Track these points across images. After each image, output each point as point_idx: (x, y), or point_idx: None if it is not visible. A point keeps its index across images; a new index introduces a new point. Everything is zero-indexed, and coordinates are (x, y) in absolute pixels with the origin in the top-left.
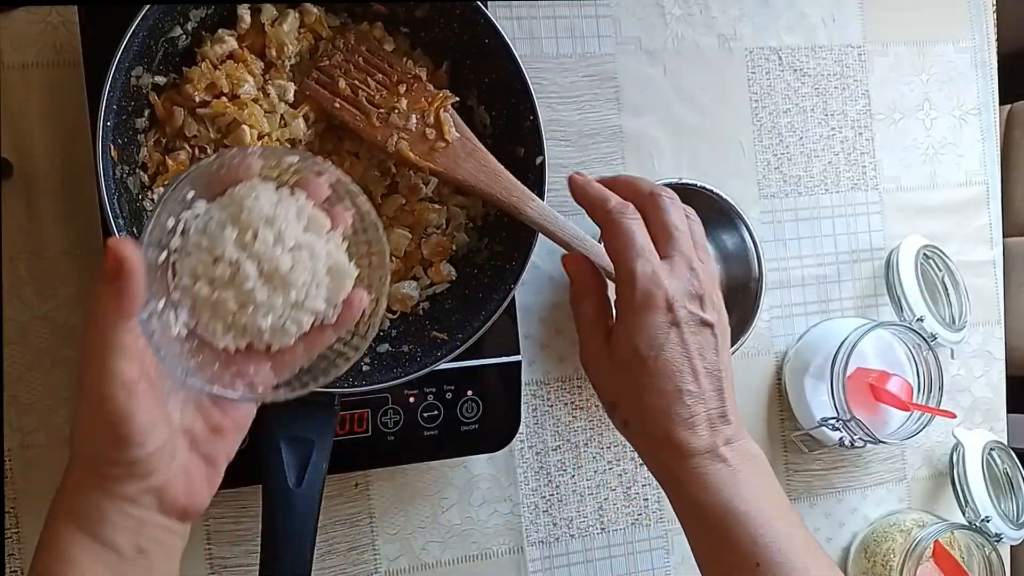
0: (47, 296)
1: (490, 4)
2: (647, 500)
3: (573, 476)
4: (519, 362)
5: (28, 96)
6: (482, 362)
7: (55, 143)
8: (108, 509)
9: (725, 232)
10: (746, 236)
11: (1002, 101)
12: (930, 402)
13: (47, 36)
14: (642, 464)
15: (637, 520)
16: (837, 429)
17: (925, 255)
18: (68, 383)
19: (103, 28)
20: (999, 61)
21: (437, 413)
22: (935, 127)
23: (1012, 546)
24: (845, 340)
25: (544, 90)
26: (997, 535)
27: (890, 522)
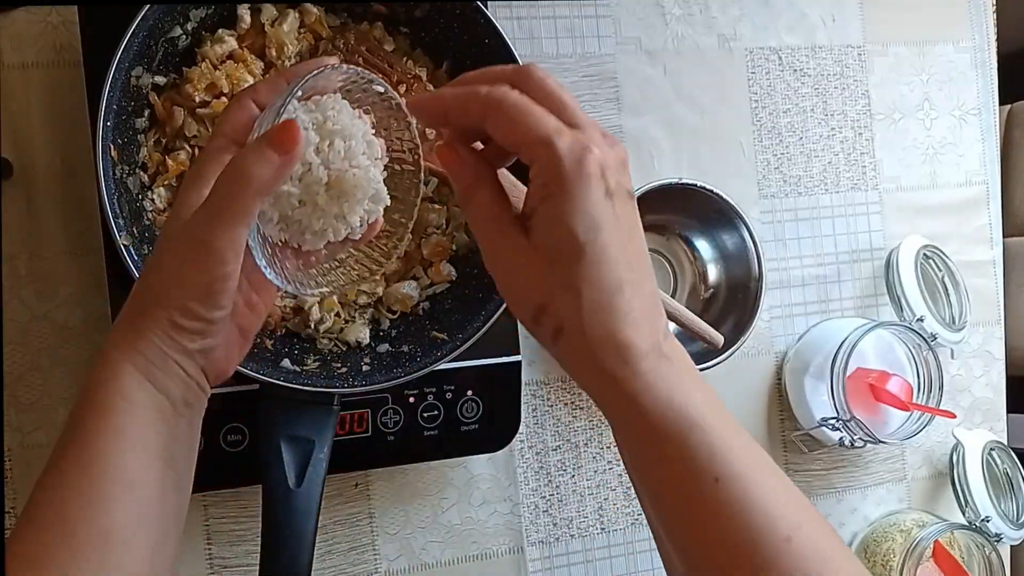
0: (47, 296)
1: (490, 4)
2: None
3: (573, 476)
4: (519, 362)
5: (28, 96)
6: (482, 362)
7: (55, 143)
8: (171, 359)
9: (725, 232)
10: (746, 236)
11: (1002, 101)
12: (930, 402)
13: (47, 36)
14: None
15: (637, 520)
16: (837, 429)
17: (925, 255)
18: (68, 383)
19: (103, 28)
20: (999, 61)
21: (437, 413)
22: (935, 127)
23: (1012, 546)
24: (845, 340)
25: None
26: (997, 535)
27: (890, 522)
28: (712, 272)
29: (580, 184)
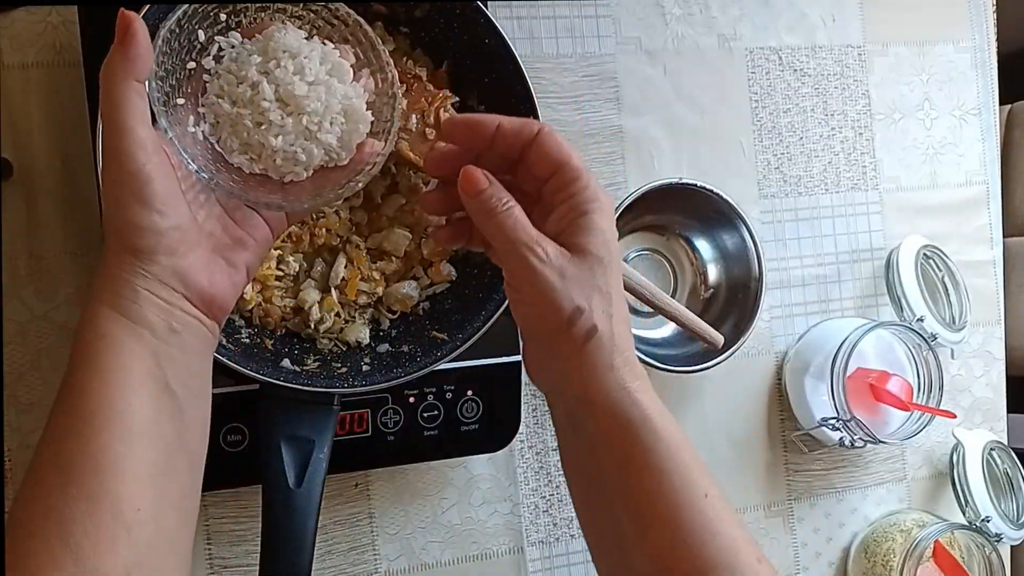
0: (47, 296)
1: (490, 4)
2: None
3: None
4: (519, 362)
5: (28, 96)
6: (482, 362)
7: (55, 143)
8: (138, 286)
9: (725, 232)
10: (746, 236)
11: (1002, 101)
12: (930, 402)
13: (47, 36)
14: None
15: None
16: (837, 429)
17: (925, 255)
18: None
19: (103, 28)
20: (999, 61)
21: (437, 413)
22: (935, 127)
23: (1012, 546)
24: (845, 340)
25: (544, 90)
26: (997, 535)
27: (890, 522)
28: (712, 272)
29: (608, 206)
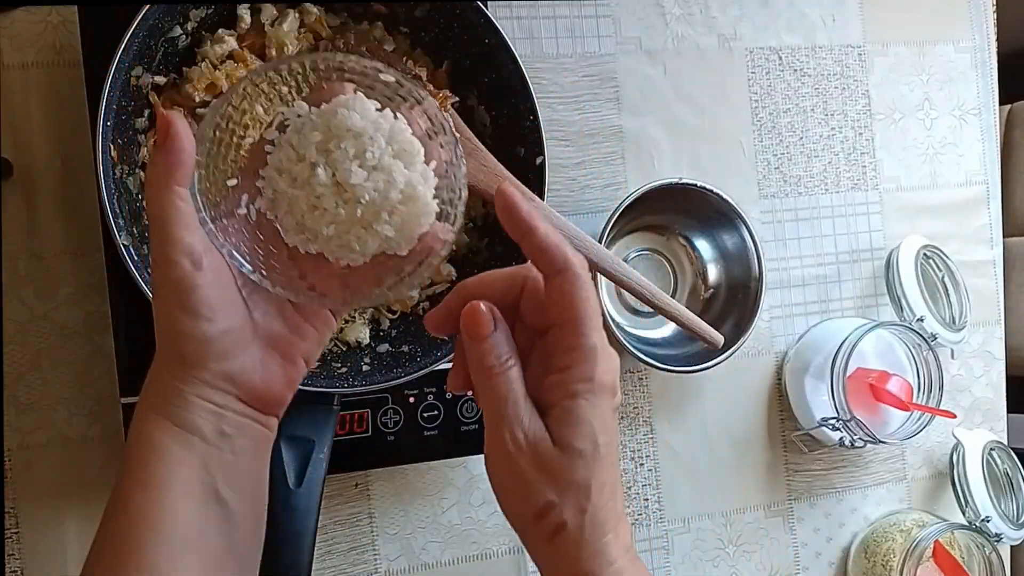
0: (47, 296)
1: (490, 4)
2: (647, 500)
3: None
4: None
5: (28, 96)
6: None
7: (55, 143)
8: (187, 392)
9: (725, 232)
10: (746, 236)
11: (1002, 101)
12: (930, 402)
13: (47, 36)
14: (642, 464)
15: (637, 520)
16: (837, 429)
17: (925, 255)
18: (68, 383)
19: (103, 28)
20: (999, 61)
21: (437, 413)
22: (935, 127)
23: (1012, 546)
24: (845, 340)
25: (544, 90)
26: (997, 535)
27: (890, 522)
28: (712, 272)
29: (603, 395)
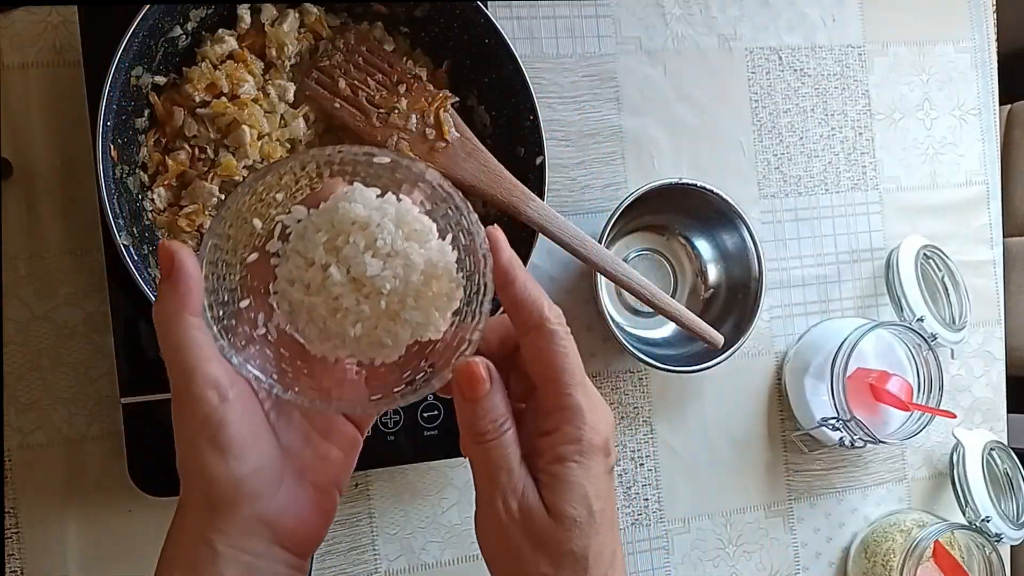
0: (47, 296)
1: (490, 4)
2: (647, 500)
3: None
4: None
5: (28, 96)
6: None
7: (55, 143)
8: (217, 544)
9: (725, 232)
10: (746, 236)
11: (1002, 101)
12: (930, 402)
13: (47, 36)
14: (642, 464)
15: (637, 520)
16: (837, 429)
17: (925, 255)
18: (68, 383)
19: (103, 28)
20: (999, 61)
21: (437, 413)
22: (935, 127)
23: (1012, 546)
24: (845, 340)
25: (544, 90)
26: (997, 535)
27: (890, 522)
28: (712, 272)
29: (592, 456)
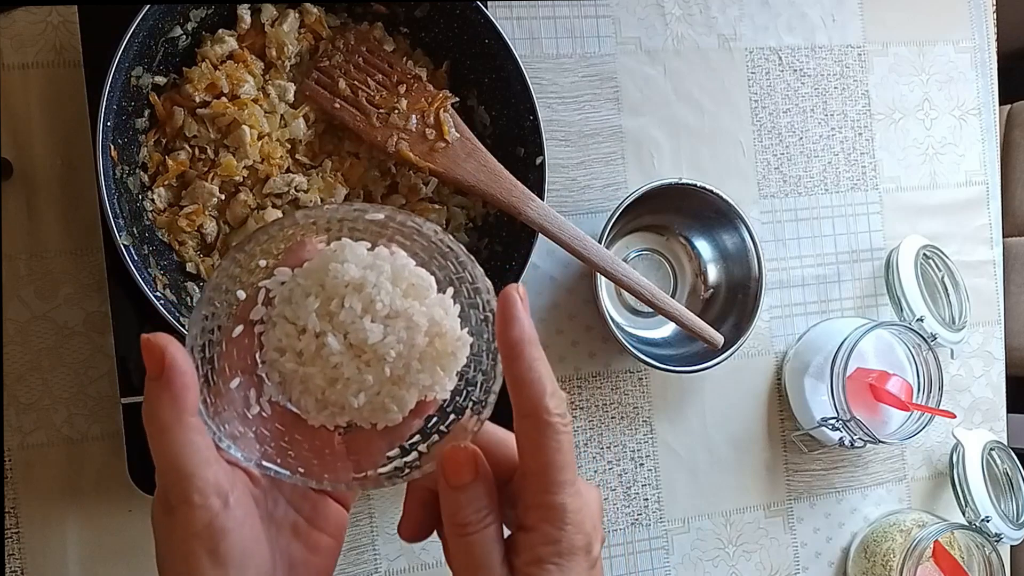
0: (47, 296)
1: (490, 4)
2: (647, 500)
3: None
4: None
5: (28, 96)
6: None
7: (55, 143)
8: None
9: (725, 232)
10: (746, 236)
11: (1002, 101)
12: (930, 402)
13: (47, 36)
14: (642, 464)
15: (637, 520)
16: (837, 429)
17: (925, 255)
18: (68, 383)
19: (103, 28)
20: (999, 61)
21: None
22: (935, 127)
23: (1012, 546)
24: (845, 340)
25: (544, 90)
26: (997, 535)
27: (890, 522)
28: (712, 272)
29: (576, 555)
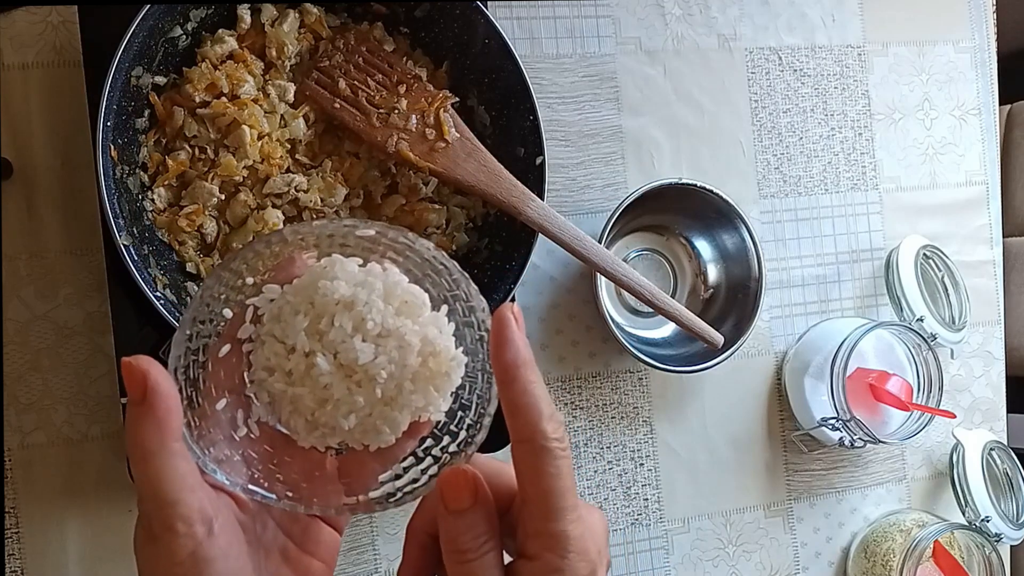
0: (47, 296)
1: (490, 4)
2: (647, 500)
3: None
4: None
5: (28, 96)
6: None
7: (55, 143)
8: None
9: (725, 232)
10: (746, 236)
11: (1002, 101)
12: (930, 402)
13: (47, 36)
14: (642, 464)
15: (637, 520)
16: (837, 429)
17: (925, 255)
18: (68, 383)
19: (103, 28)
20: (999, 61)
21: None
22: (935, 127)
23: (1012, 546)
24: (845, 340)
25: (544, 90)
26: (997, 535)
27: (890, 522)
28: (712, 272)
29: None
